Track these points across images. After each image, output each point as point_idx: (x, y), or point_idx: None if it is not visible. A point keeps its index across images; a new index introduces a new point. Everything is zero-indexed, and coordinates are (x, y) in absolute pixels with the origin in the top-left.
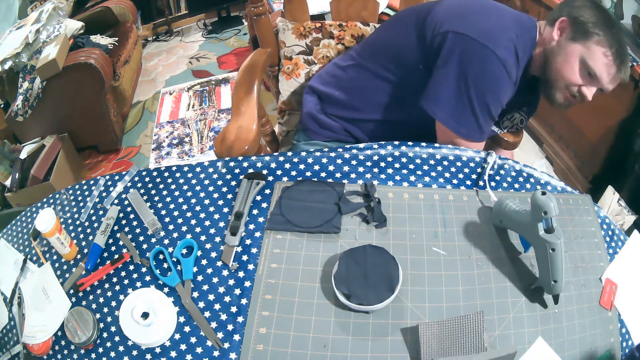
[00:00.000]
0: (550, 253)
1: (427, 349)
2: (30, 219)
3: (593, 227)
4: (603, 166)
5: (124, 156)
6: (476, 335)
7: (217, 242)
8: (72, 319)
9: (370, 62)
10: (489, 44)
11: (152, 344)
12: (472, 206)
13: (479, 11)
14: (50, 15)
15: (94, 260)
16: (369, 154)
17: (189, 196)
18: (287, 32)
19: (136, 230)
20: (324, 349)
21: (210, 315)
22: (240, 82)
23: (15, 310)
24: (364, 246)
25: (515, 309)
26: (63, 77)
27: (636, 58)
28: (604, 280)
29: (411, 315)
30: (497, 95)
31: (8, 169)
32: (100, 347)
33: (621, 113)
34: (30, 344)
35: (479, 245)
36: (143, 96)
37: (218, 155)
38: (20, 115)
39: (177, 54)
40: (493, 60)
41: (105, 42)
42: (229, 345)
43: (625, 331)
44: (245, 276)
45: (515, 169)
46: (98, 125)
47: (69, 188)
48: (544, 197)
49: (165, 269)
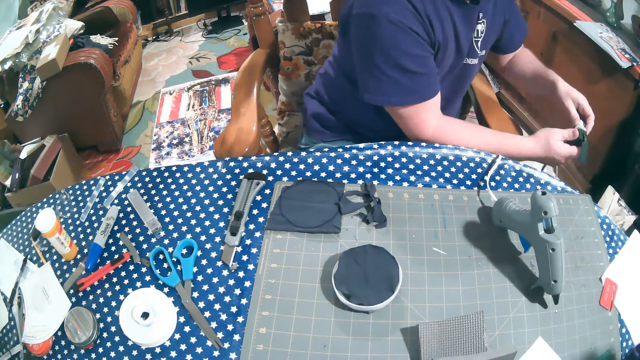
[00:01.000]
0: (550, 253)
1: (427, 349)
2: (30, 219)
3: (593, 227)
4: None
5: (124, 156)
6: (476, 335)
7: (217, 242)
8: (72, 319)
9: (338, 66)
10: (371, 9)
11: (152, 344)
12: (472, 206)
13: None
14: (50, 15)
15: (94, 260)
16: (369, 154)
17: (189, 196)
18: (287, 33)
19: (136, 230)
20: (324, 349)
21: (210, 315)
22: (239, 84)
23: (15, 310)
24: (364, 246)
25: (515, 309)
26: (63, 77)
27: (636, 58)
28: (604, 280)
29: (411, 315)
30: (400, 50)
31: (8, 169)
32: (100, 347)
33: (621, 113)
34: (30, 344)
35: (479, 245)
36: (143, 96)
37: (218, 157)
38: (20, 115)
39: (177, 54)
40: (379, 23)
41: (105, 42)
42: (229, 345)
43: (625, 331)
44: (245, 276)
45: (515, 169)
46: (98, 125)
47: (69, 188)
48: (544, 197)
49: (165, 269)
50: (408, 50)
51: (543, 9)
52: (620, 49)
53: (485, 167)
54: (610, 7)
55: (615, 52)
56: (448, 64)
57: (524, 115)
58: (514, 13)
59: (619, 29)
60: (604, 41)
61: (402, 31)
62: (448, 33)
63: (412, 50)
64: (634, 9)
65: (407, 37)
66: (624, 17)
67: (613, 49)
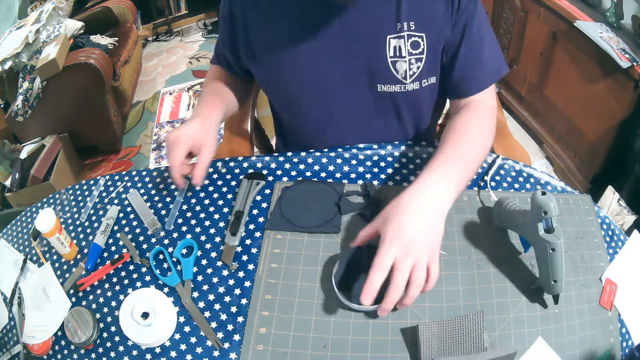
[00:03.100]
0: (550, 253)
1: (427, 349)
2: (30, 219)
3: (593, 227)
4: (603, 166)
5: (124, 156)
6: (476, 335)
7: (217, 242)
8: (72, 319)
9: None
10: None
11: (152, 344)
12: (472, 206)
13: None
14: (50, 15)
15: (94, 260)
16: (369, 154)
17: (188, 196)
18: None
19: (136, 230)
20: (324, 349)
21: (210, 315)
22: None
23: (15, 310)
24: (364, 246)
25: (515, 309)
26: (63, 77)
27: (636, 58)
28: (604, 280)
29: (411, 315)
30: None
31: (8, 169)
32: (100, 347)
33: (621, 113)
34: (30, 344)
35: (479, 245)
36: (143, 96)
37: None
38: (20, 115)
39: (177, 54)
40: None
41: (105, 42)
42: (229, 345)
43: (625, 331)
44: (245, 276)
45: (515, 169)
46: (98, 125)
47: (69, 188)
48: (544, 197)
49: (165, 269)
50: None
51: (543, 9)
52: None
53: (485, 167)
54: (610, 7)
55: (615, 52)
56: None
57: (524, 115)
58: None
59: (619, 29)
60: (604, 41)
61: (223, 12)
62: None
63: (223, 27)
64: (634, 9)
65: (224, 15)
66: (624, 17)
67: (613, 49)
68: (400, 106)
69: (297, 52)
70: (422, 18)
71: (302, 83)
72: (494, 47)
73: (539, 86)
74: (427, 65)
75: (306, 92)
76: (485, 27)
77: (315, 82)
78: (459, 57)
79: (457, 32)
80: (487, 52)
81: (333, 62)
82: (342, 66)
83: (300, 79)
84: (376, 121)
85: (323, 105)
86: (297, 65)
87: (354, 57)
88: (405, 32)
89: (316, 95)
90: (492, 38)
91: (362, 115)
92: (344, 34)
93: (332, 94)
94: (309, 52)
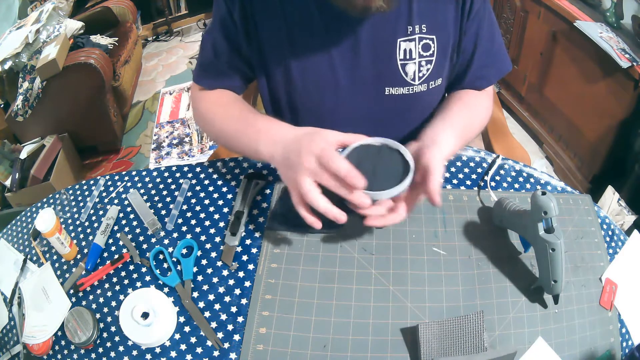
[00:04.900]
0: (550, 253)
1: (427, 349)
2: (30, 219)
3: (593, 227)
4: (603, 166)
5: (124, 156)
6: (476, 335)
7: (217, 242)
8: (72, 319)
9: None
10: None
11: (152, 344)
12: (472, 206)
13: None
14: (50, 15)
15: (94, 260)
16: None
17: (189, 196)
18: None
19: (136, 230)
20: (324, 349)
21: (210, 315)
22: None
23: (15, 310)
24: (380, 145)
25: (515, 309)
26: (63, 77)
27: (636, 58)
28: (604, 280)
29: (411, 315)
30: (212, 28)
31: (8, 169)
32: (100, 347)
33: (621, 113)
34: (30, 344)
35: (479, 245)
36: (143, 96)
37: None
38: (20, 115)
39: (177, 54)
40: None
41: (105, 42)
42: (229, 345)
43: (625, 331)
44: (245, 276)
45: (515, 169)
46: (98, 125)
47: (69, 188)
48: (544, 197)
49: (165, 269)
50: (215, 26)
51: (543, 9)
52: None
53: (485, 167)
54: (610, 7)
55: (615, 52)
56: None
57: (524, 115)
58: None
59: (619, 29)
60: (604, 41)
61: (221, 8)
62: None
63: (219, 29)
64: (634, 9)
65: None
66: (624, 17)
67: (613, 49)
68: (406, 108)
69: (306, 57)
70: (433, 20)
71: (308, 88)
72: (500, 43)
73: (538, 86)
74: (435, 68)
75: (313, 97)
76: (493, 23)
77: (323, 86)
78: (473, 61)
79: (471, 37)
80: (496, 49)
81: (342, 67)
82: (351, 71)
83: (305, 84)
84: (381, 123)
85: (329, 108)
86: (305, 69)
87: (363, 61)
88: (417, 35)
89: (323, 99)
90: (498, 32)
91: (368, 118)
92: (355, 40)
93: (338, 98)
94: (317, 57)
